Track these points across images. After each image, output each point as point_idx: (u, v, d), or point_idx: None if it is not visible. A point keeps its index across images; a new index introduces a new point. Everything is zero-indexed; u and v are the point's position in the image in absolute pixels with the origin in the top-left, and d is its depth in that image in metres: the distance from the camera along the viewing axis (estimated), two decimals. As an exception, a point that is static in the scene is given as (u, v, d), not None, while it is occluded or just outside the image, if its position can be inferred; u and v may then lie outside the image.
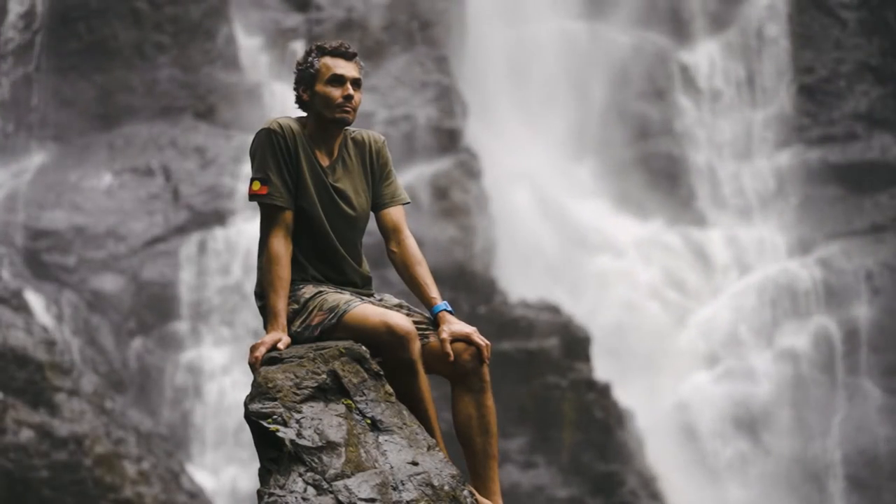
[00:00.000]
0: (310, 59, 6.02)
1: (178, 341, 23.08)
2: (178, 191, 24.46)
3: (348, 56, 6.02)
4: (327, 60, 6.01)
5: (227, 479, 21.99)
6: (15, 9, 26.10)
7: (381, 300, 6.04)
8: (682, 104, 27.91)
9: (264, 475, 5.48)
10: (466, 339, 5.86)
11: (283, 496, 5.34)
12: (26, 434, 18.70)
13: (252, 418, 5.53)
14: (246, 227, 23.68)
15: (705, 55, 28.14)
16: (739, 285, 25.94)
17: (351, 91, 5.98)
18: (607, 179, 27.19)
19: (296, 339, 5.86)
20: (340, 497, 5.33)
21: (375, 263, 6.92)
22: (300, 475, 5.40)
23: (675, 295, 25.91)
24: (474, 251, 24.17)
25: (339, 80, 5.98)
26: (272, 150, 5.96)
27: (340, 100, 5.97)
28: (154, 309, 23.28)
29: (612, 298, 25.58)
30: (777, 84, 27.68)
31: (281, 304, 5.86)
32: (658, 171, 27.37)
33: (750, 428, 24.64)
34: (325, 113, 5.99)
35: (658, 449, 23.65)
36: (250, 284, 22.60)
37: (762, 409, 24.71)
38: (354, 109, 6.01)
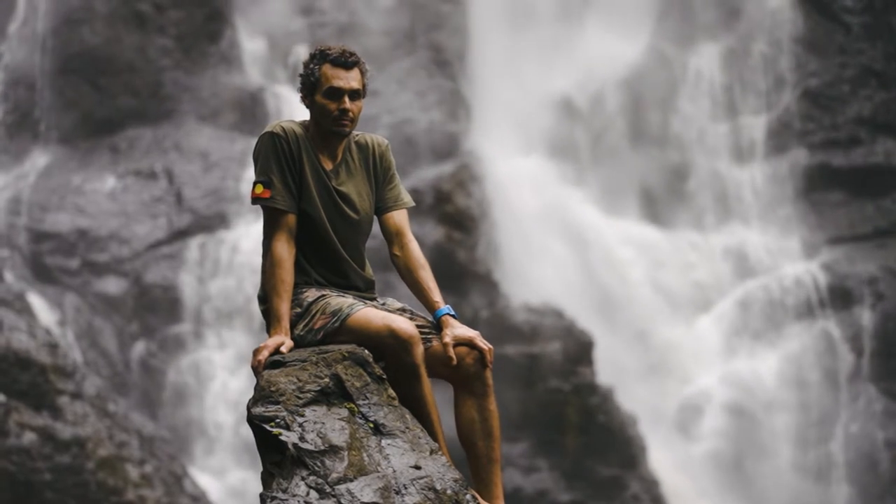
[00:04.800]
0: (311, 65, 6.01)
1: (180, 344, 23.07)
2: (181, 194, 24.46)
3: (349, 65, 5.99)
4: (327, 70, 5.98)
5: (230, 483, 21.98)
6: (19, 11, 26.12)
7: (383, 304, 6.04)
8: (685, 109, 27.89)
9: (267, 479, 5.48)
10: (469, 343, 5.86)
11: (286, 500, 5.33)
12: (29, 437, 18.70)
13: (255, 422, 5.53)
14: (249, 231, 23.68)
15: (709, 60, 28.12)
16: (743, 290, 25.92)
17: (347, 105, 5.96)
18: (610, 184, 27.17)
19: (299, 343, 5.86)
20: (343, 501, 5.32)
21: (378, 267, 6.92)
22: (303, 479, 5.39)
23: (679, 300, 25.89)
24: (477, 255, 24.15)
25: (336, 93, 5.96)
26: (275, 153, 5.97)
27: (336, 113, 5.96)
28: (157, 312, 23.28)
29: (615, 302, 25.57)
30: (781, 88, 27.66)
31: (284, 308, 5.86)
32: (661, 176, 27.36)
33: (752, 432, 24.62)
34: (322, 123, 6.00)
35: (661, 453, 23.63)
36: (253, 288, 22.60)
37: (765, 413, 24.69)
38: (352, 121, 6.00)
